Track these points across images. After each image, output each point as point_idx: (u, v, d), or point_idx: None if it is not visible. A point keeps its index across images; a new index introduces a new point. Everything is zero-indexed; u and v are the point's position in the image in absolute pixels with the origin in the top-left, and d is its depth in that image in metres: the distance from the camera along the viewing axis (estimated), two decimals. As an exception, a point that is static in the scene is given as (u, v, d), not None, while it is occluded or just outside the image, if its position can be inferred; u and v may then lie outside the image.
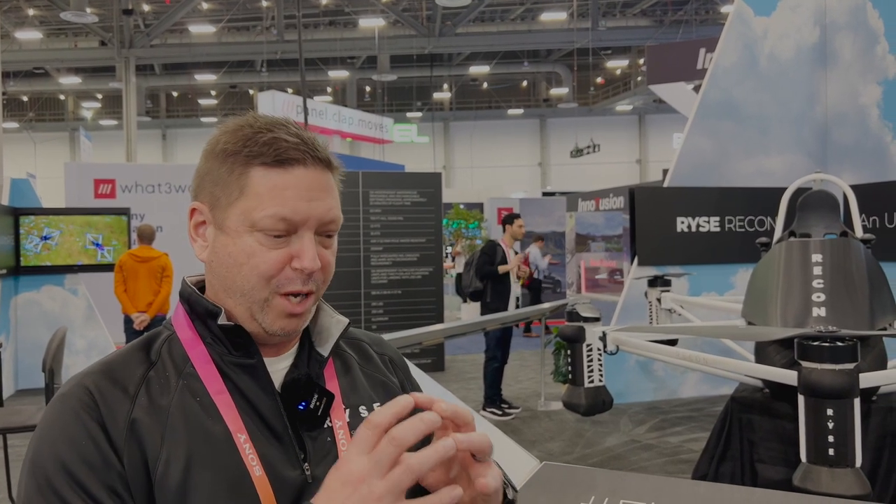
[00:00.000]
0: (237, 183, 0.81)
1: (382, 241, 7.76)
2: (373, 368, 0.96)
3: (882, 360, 3.46)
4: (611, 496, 1.53)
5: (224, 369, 0.82)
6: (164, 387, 0.80)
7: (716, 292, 6.26)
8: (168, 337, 0.85)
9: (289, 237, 0.81)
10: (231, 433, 0.78)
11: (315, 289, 0.83)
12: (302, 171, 0.81)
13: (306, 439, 0.82)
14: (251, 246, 0.80)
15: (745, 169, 6.58)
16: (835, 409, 2.20)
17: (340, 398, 0.88)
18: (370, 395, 0.92)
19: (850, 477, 2.20)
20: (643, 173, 30.85)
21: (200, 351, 0.83)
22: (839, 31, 6.64)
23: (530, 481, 1.65)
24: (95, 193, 8.86)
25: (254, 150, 0.80)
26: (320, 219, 0.82)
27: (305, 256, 0.80)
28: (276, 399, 0.82)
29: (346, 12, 23.95)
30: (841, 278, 3.40)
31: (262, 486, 0.77)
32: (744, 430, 3.67)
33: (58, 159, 25.15)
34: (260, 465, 0.78)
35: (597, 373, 3.59)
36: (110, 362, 0.82)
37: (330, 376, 0.89)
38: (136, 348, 0.84)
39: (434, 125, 30.46)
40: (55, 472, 0.73)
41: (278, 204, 0.79)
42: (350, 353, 0.95)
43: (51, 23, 23.60)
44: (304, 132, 0.83)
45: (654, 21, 24.74)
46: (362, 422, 0.65)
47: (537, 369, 7.62)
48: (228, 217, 0.81)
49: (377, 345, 1.01)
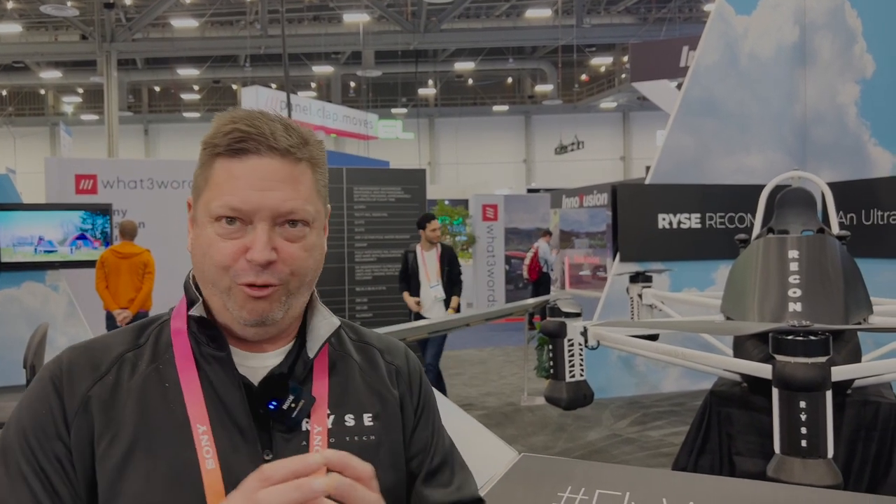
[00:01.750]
0: (204, 175, 0.83)
1: (367, 237, 7.76)
2: (374, 377, 0.92)
3: (856, 354, 3.53)
4: (587, 486, 1.57)
5: (199, 360, 0.83)
6: (134, 369, 0.82)
7: (697, 288, 6.33)
8: (162, 322, 0.88)
9: (244, 228, 0.81)
10: (190, 422, 0.79)
11: (276, 281, 0.81)
12: (256, 161, 0.80)
13: (278, 439, 0.81)
14: (210, 236, 0.81)
15: (725, 166, 6.66)
16: (807, 402, 2.25)
17: (326, 403, 0.86)
18: (363, 405, 0.89)
19: (822, 468, 2.26)
20: (627, 170, 31.04)
21: (183, 340, 0.84)
22: (818, 31, 6.73)
23: (509, 472, 1.68)
24: (76, 189, 8.76)
25: (215, 142, 0.82)
26: (274, 209, 0.80)
27: (255, 247, 0.79)
28: (243, 393, 0.82)
29: (331, 7, 23.84)
30: (817, 274, 3.46)
31: (211, 480, 0.77)
32: (722, 424, 3.73)
33: (38, 154, 24.83)
34: (215, 459, 0.78)
35: (578, 367, 3.63)
36: (99, 339, 0.86)
37: (320, 379, 0.87)
38: (131, 329, 0.88)
39: (419, 121, 30.42)
40: (15, 435, 0.79)
41: (229, 193, 0.80)
42: (355, 359, 0.93)
43: (30, 16, 23.28)
44: (272, 122, 0.82)
45: (638, 18, 24.87)
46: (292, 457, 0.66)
47: (521, 364, 7.67)
48: (198, 209, 0.84)
49: (389, 353, 0.97)
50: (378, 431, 0.88)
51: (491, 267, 12.87)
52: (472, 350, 9.22)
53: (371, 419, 0.88)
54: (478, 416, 5.85)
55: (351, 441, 0.85)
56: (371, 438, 0.87)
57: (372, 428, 0.88)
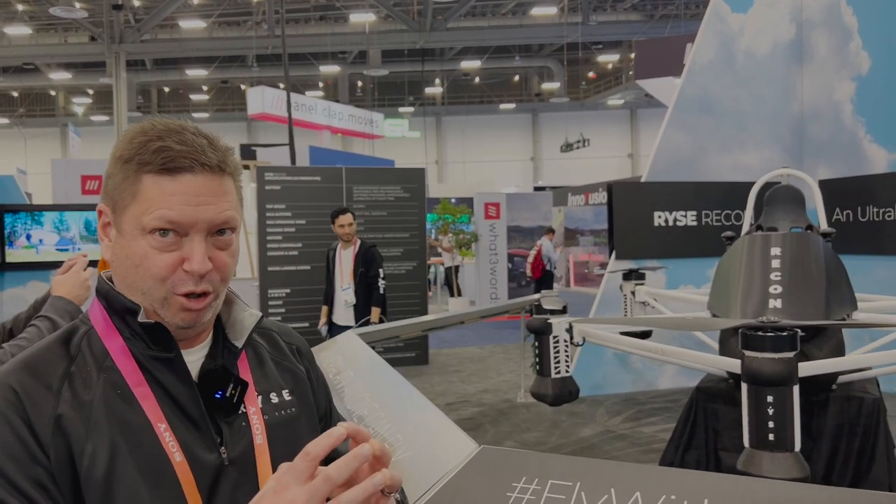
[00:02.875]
0: (130, 189, 0.86)
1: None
2: (282, 357, 1.03)
3: (839, 350, 3.56)
4: (540, 477, 1.62)
5: (143, 363, 0.87)
6: (86, 381, 0.84)
7: (693, 285, 6.35)
8: (86, 332, 0.89)
9: (180, 240, 0.86)
10: (151, 423, 0.84)
11: (211, 289, 0.88)
12: (190, 178, 0.85)
13: (222, 425, 0.89)
14: (144, 249, 0.85)
15: (721, 164, 6.67)
16: (775, 396, 2.29)
17: (253, 386, 0.95)
18: (279, 383, 0.99)
19: (790, 461, 2.30)
20: (635, 167, 30.98)
21: (119, 345, 0.88)
22: (814, 28, 6.73)
23: (469, 464, 1.74)
24: (83, 189, 8.89)
25: (144, 159, 0.85)
26: (210, 222, 0.86)
27: (194, 259, 0.85)
28: (194, 389, 0.88)
29: (337, 7, 23.95)
30: (799, 271, 3.49)
31: (182, 471, 0.83)
32: (708, 420, 3.77)
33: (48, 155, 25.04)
34: (180, 452, 0.84)
35: (563, 364, 3.68)
36: (30, 358, 0.86)
37: (244, 366, 0.96)
38: (55, 343, 0.88)
39: (426, 120, 30.49)
40: None
41: (165, 207, 0.84)
42: (261, 343, 1.02)
43: (40, 18, 23.54)
44: (198, 138, 0.87)
45: (645, 16, 24.82)
46: (300, 452, 0.70)
47: (519, 361, 7.72)
48: (124, 221, 0.87)
49: (286, 335, 1.07)
50: (296, 404, 0.99)
51: (494, 265, 12.92)
52: (473, 347, 9.28)
53: (289, 394, 0.99)
54: (473, 413, 5.91)
55: (279, 415, 0.96)
56: (293, 411, 0.98)
57: (291, 402, 0.99)
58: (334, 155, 14.43)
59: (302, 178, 7.72)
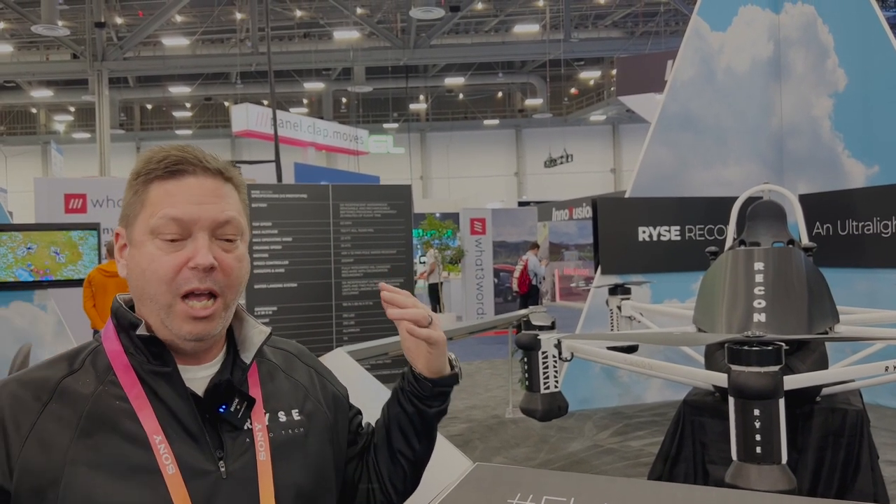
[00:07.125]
0: (139, 200, 0.91)
1: (353, 252, 7.83)
2: (297, 376, 1.06)
3: (823, 363, 3.62)
4: (535, 493, 1.65)
5: (143, 377, 0.90)
6: (80, 392, 0.88)
7: (678, 299, 6.42)
8: (95, 348, 0.94)
9: (185, 241, 0.90)
10: (147, 435, 0.87)
11: (216, 288, 0.90)
12: (192, 180, 0.91)
13: (226, 439, 0.91)
14: (151, 252, 0.89)
15: (703, 178, 6.77)
16: (761, 410, 2.33)
17: (261, 402, 0.97)
18: (289, 402, 1.01)
19: (777, 473, 2.34)
20: (618, 182, 31.25)
21: (122, 361, 0.91)
22: (792, 46, 6.88)
23: (463, 481, 1.76)
24: (66, 208, 8.84)
25: (150, 167, 0.91)
26: (213, 220, 0.91)
27: (199, 253, 0.89)
28: (191, 403, 0.91)
29: (321, 24, 24.05)
30: (782, 285, 3.56)
31: (174, 483, 0.85)
32: (696, 433, 3.81)
33: (30, 173, 24.84)
34: (174, 465, 0.86)
35: (552, 379, 3.71)
36: (32, 370, 0.91)
37: (253, 382, 0.99)
38: (62, 357, 0.93)
39: (410, 136, 30.59)
40: None
41: (169, 206, 0.89)
42: (275, 362, 1.05)
43: (22, 36, 23.42)
44: (200, 151, 0.94)
45: (626, 32, 25.15)
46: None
47: (507, 377, 7.73)
48: (135, 230, 0.92)
49: (302, 355, 1.11)
50: (304, 424, 1.01)
51: (480, 280, 12.96)
52: (461, 364, 9.28)
53: (298, 414, 1.01)
54: (462, 429, 5.91)
55: (286, 434, 0.97)
56: (300, 431, 0.99)
57: (300, 422, 1.00)
58: (319, 171, 14.45)
59: (288, 196, 7.72)
